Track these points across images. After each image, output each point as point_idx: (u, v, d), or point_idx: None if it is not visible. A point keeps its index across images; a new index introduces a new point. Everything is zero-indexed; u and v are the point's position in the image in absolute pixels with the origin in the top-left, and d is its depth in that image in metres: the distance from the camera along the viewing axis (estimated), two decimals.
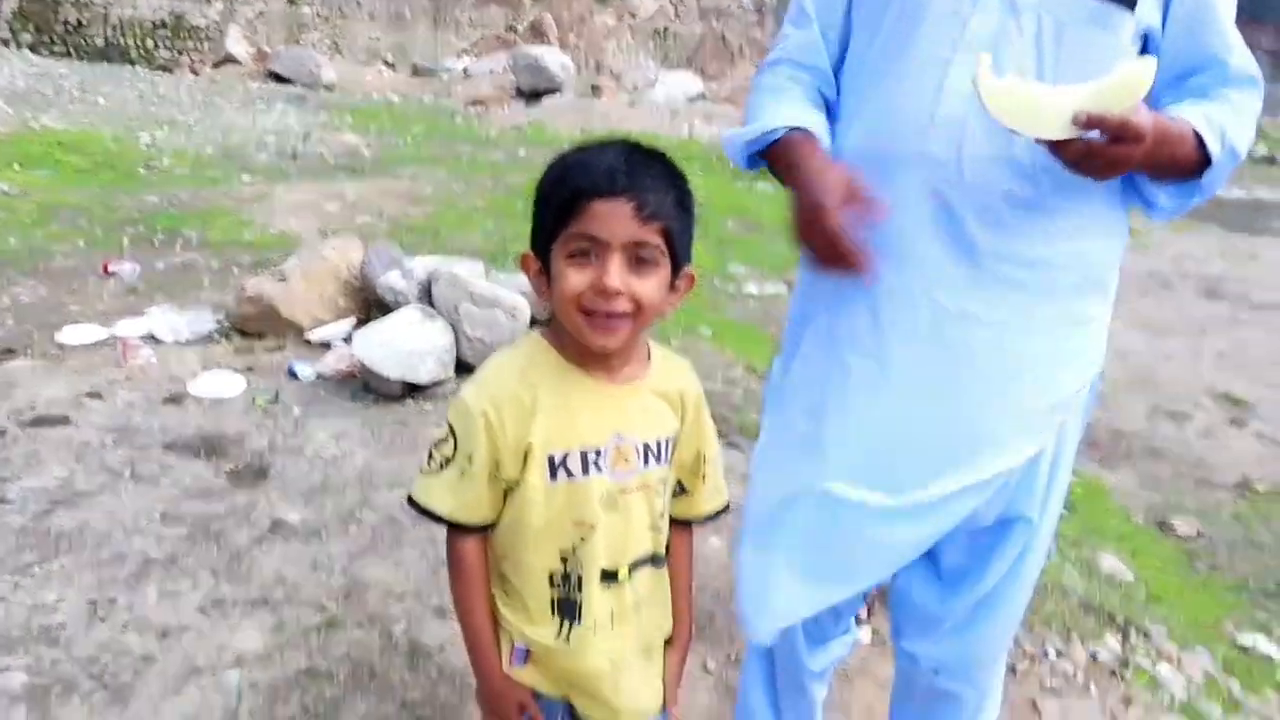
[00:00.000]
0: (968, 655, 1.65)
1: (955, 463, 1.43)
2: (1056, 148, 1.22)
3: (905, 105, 1.37)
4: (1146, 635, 2.83)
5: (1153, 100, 1.34)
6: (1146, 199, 1.40)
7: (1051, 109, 1.19)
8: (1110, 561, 3.30)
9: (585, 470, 1.23)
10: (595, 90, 15.18)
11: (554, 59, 15.14)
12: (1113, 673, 2.57)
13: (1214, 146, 1.29)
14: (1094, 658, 2.62)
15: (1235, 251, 9.42)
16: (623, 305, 1.15)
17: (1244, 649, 2.99)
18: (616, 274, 1.13)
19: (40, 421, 3.36)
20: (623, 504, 1.25)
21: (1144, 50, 1.38)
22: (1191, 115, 1.30)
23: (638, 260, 1.15)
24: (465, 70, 17.21)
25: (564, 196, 1.15)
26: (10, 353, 3.95)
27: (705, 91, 16.67)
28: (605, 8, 20.32)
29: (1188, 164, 1.31)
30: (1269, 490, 4.27)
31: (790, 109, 1.47)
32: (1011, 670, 2.48)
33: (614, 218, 1.13)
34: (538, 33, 19.00)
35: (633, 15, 20.59)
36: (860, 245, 1.33)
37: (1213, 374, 5.80)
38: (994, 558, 1.53)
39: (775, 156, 1.45)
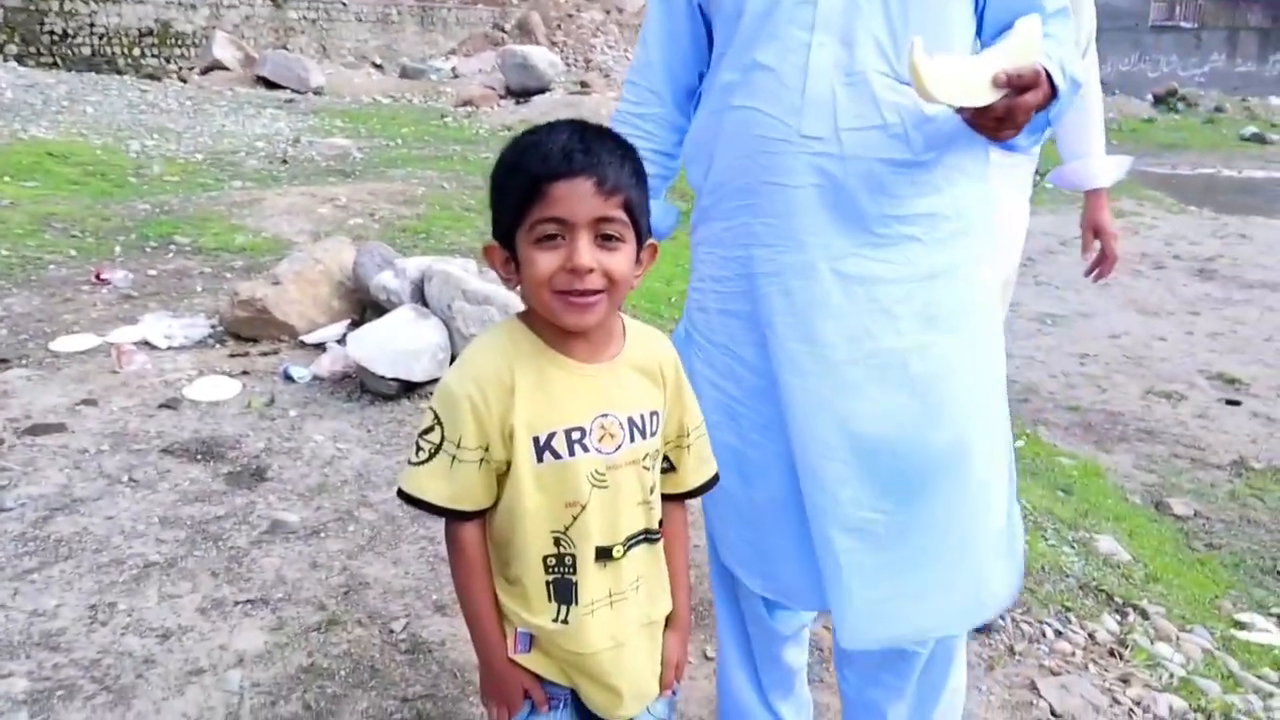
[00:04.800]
0: None
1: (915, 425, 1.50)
2: (979, 113, 1.31)
3: (775, 90, 1.45)
4: (1145, 615, 2.85)
5: (985, 48, 1.46)
6: (1004, 142, 1.46)
7: (976, 77, 1.29)
8: (1107, 543, 3.31)
9: (571, 450, 1.22)
10: (584, 87, 15.16)
11: (542, 57, 15.13)
12: (1111, 652, 2.58)
13: (1059, 80, 1.37)
14: (1092, 637, 2.63)
15: (1227, 231, 9.46)
16: (595, 282, 1.16)
17: (1242, 626, 3.01)
18: (586, 252, 1.14)
19: (37, 430, 3.36)
20: (613, 480, 1.25)
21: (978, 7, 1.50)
22: None
23: (604, 237, 1.16)
24: (454, 70, 17.19)
25: (523, 182, 1.15)
26: (4, 363, 3.94)
27: None
28: (592, 4, 20.31)
29: (1045, 100, 1.38)
30: (1265, 469, 4.30)
31: None
32: (1010, 651, 2.49)
33: (576, 197, 1.14)
34: (525, 31, 18.99)
35: (620, 10, 20.58)
36: None
37: (1206, 354, 5.83)
38: None
39: None
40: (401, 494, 1.27)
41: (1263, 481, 4.19)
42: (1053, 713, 2.28)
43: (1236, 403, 5.08)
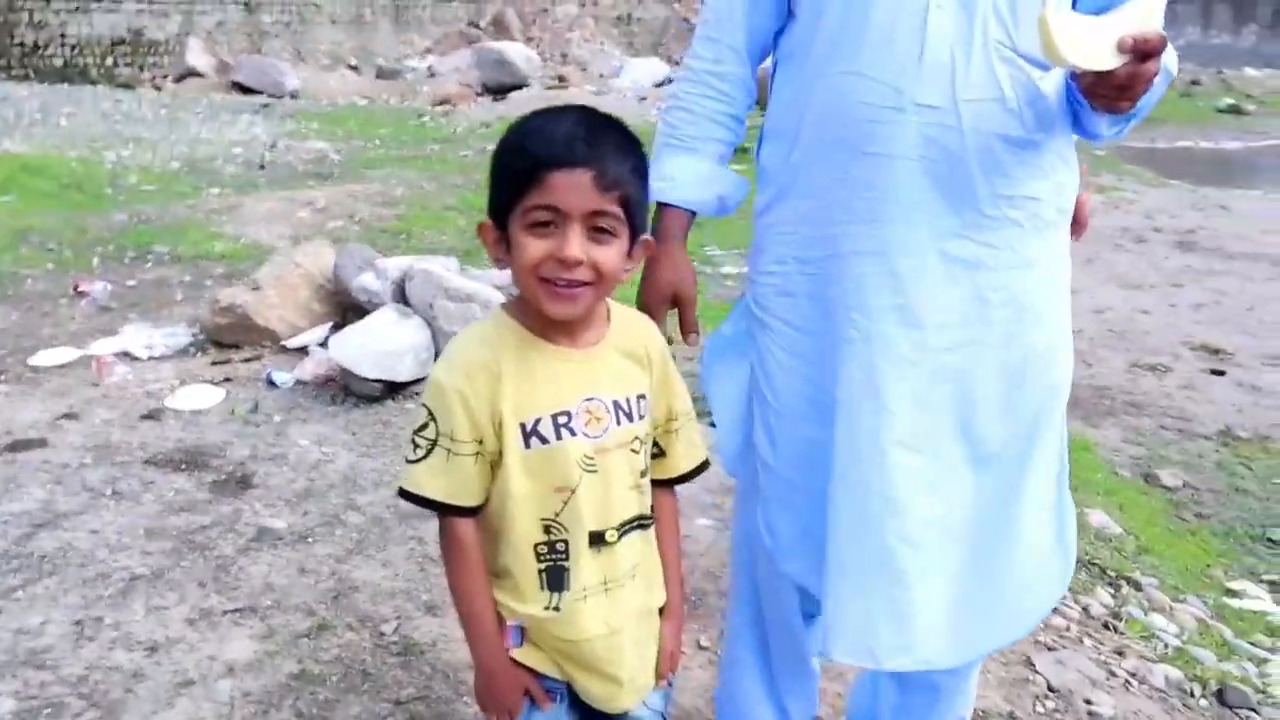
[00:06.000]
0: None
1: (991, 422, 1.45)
2: (1099, 80, 1.23)
3: (886, 55, 1.35)
4: (1138, 587, 2.85)
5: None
6: (1088, 130, 1.41)
7: (1101, 40, 1.21)
8: (1099, 516, 3.31)
9: (559, 434, 1.22)
10: (561, 81, 15.14)
11: (518, 53, 15.12)
12: (1106, 625, 2.58)
13: None
14: (1087, 611, 2.63)
15: (1206, 203, 9.47)
16: (583, 275, 1.15)
17: (1234, 594, 3.01)
18: (577, 244, 1.14)
19: (17, 446, 3.33)
20: (602, 464, 1.24)
21: None
22: None
23: (597, 230, 1.15)
24: (430, 69, 17.12)
25: (522, 167, 1.14)
26: None
27: (672, 76, 16.63)
28: None
29: None
30: (1251, 437, 4.30)
31: (682, 166, 1.56)
32: None
33: (574, 188, 1.13)
34: (500, 27, 18.93)
35: (595, 4, 20.53)
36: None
37: (1190, 326, 5.83)
38: None
39: (655, 210, 1.55)
40: (402, 492, 1.25)
41: (1249, 450, 4.19)
42: (1050, 688, 2.28)
43: (1221, 373, 5.08)
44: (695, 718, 2.12)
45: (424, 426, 1.23)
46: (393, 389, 3.72)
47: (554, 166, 1.12)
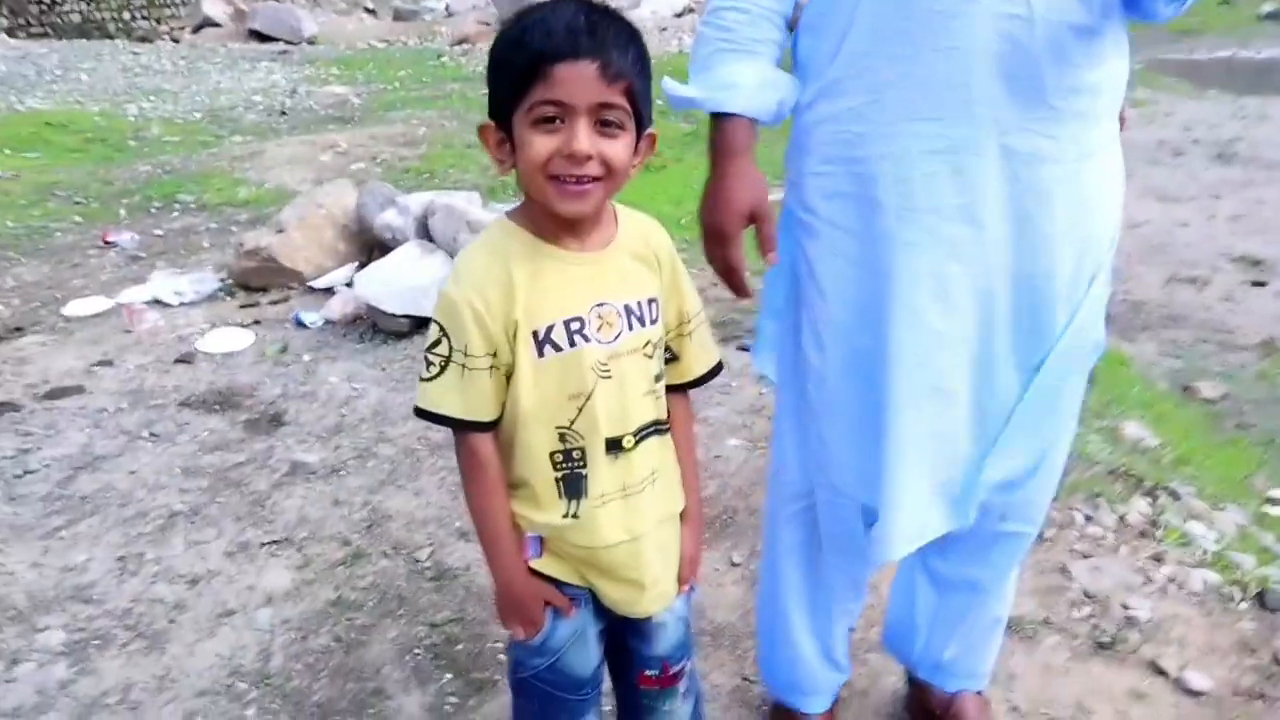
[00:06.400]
0: (1036, 496, 1.61)
1: (1046, 310, 1.43)
2: None
3: None
4: (1175, 496, 2.81)
5: None
6: (1147, 10, 1.31)
7: None
8: (1134, 429, 3.26)
9: (572, 341, 1.19)
10: None
11: None
12: (1142, 533, 2.55)
13: None
14: (1123, 520, 2.60)
15: (1246, 113, 9.18)
16: (593, 169, 1.12)
17: (1275, 502, 2.97)
18: (585, 138, 1.10)
19: (55, 394, 3.38)
20: (616, 370, 1.22)
21: None
22: None
23: (604, 123, 1.12)
24: (447, 9, 16.92)
25: (525, 61, 1.10)
26: (19, 330, 3.95)
27: (692, 5, 16.31)
28: None
29: None
30: None
31: (742, 71, 1.43)
32: (1040, 538, 2.47)
33: (579, 81, 1.08)
34: None
35: None
36: (743, 282, 1.41)
37: (1229, 237, 5.69)
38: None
39: (713, 122, 1.43)
40: (418, 411, 1.23)
41: None
42: (1086, 594, 2.26)
43: (1262, 283, 4.97)
44: (728, 632, 2.13)
45: (437, 343, 1.20)
46: (419, 324, 3.73)
47: (558, 59, 1.08)
